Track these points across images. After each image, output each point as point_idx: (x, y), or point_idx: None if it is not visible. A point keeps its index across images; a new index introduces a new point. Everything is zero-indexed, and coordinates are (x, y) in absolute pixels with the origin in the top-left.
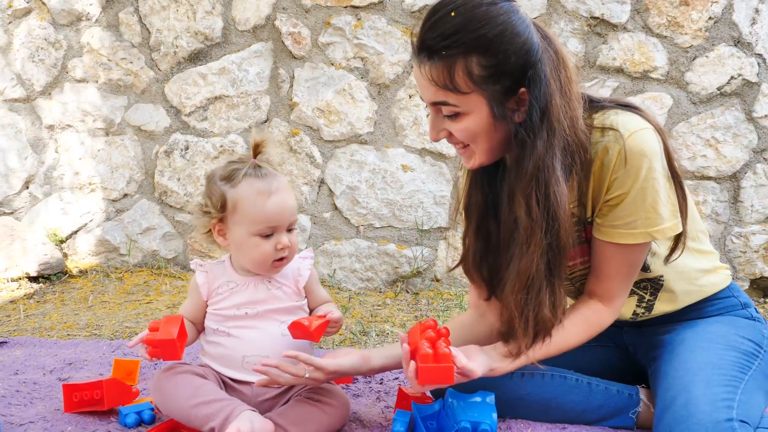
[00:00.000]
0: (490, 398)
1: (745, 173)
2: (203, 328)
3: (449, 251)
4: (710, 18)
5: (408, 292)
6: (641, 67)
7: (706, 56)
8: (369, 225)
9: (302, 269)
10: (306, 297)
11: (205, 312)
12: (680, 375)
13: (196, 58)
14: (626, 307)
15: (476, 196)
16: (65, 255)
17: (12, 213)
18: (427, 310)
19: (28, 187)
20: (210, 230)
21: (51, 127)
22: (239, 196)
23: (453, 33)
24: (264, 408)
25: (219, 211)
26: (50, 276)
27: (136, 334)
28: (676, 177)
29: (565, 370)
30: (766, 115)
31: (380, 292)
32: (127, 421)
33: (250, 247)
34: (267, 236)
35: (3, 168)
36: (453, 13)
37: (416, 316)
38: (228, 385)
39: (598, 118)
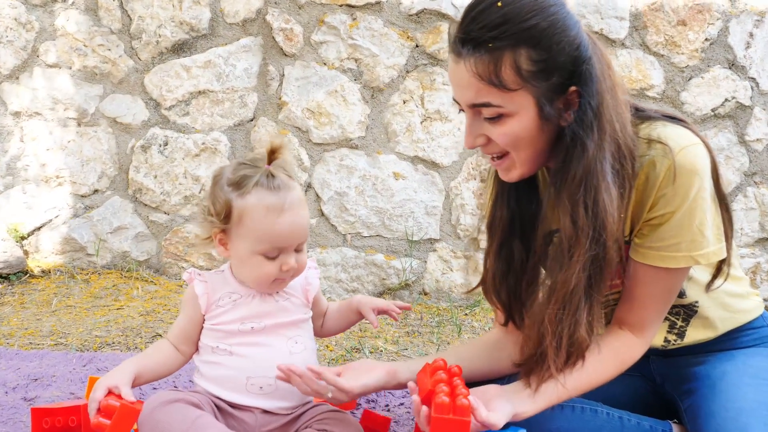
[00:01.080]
0: None
1: (736, 196)
2: (197, 348)
3: (439, 264)
4: (706, 39)
5: None
6: (638, 84)
7: (702, 77)
8: (357, 233)
9: (310, 278)
10: (312, 308)
11: (202, 328)
12: (732, 415)
13: (180, 49)
14: (657, 334)
15: (501, 212)
16: (26, 253)
17: None
18: (419, 325)
19: None
20: (210, 237)
21: (17, 114)
22: (246, 209)
23: (501, 24)
24: None
25: (222, 220)
26: (9, 275)
27: (107, 344)
28: (723, 199)
29: (595, 403)
30: (758, 139)
31: None
32: None
33: (251, 266)
34: (272, 257)
35: None
36: (499, 3)
37: (407, 332)
38: (226, 412)
39: (644, 130)
